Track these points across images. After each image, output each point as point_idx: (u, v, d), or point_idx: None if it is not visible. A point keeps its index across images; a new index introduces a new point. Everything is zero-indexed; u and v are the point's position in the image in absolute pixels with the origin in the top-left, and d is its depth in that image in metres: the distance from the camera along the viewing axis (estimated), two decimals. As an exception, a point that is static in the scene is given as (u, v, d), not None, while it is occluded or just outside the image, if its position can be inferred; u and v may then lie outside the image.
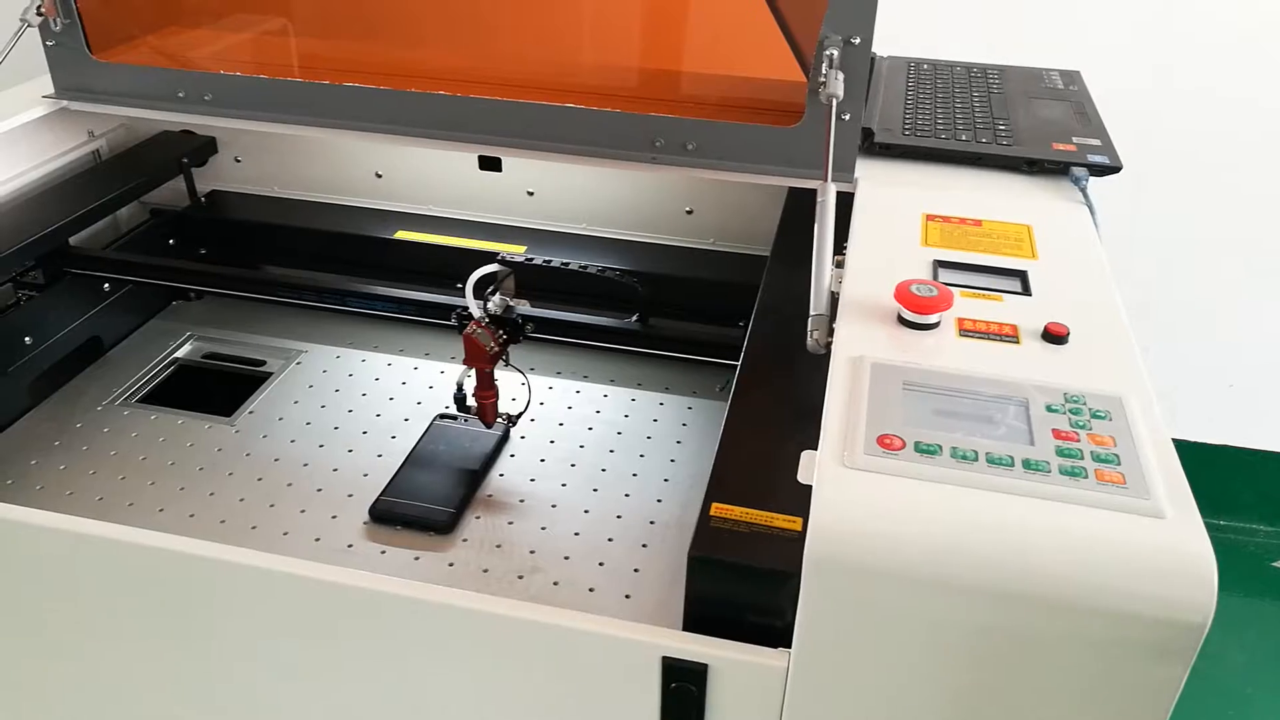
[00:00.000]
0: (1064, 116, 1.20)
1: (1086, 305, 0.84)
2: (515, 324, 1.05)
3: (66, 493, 1.06)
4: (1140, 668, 0.62)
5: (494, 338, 1.02)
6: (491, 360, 1.03)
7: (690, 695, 0.72)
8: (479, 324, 1.02)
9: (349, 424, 1.17)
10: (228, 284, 1.25)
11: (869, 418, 0.69)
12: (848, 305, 0.83)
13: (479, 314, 1.03)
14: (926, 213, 0.98)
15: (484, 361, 1.03)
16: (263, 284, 1.27)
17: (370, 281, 1.20)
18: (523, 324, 1.05)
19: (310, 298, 1.21)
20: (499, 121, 1.12)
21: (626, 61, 1.18)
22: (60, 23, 1.19)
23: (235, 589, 0.81)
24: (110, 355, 1.28)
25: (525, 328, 1.06)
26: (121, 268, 1.25)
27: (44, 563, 0.85)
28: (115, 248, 1.31)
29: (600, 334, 1.12)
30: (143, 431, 1.15)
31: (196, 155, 1.38)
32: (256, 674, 0.86)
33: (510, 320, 1.04)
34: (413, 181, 1.38)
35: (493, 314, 1.03)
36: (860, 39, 0.98)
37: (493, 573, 0.96)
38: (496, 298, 1.03)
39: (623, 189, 1.30)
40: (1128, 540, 0.61)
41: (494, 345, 1.02)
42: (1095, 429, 0.69)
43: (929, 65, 1.37)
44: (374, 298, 1.18)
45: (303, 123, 1.18)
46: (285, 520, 1.02)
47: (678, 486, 1.08)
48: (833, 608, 0.66)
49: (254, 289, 1.25)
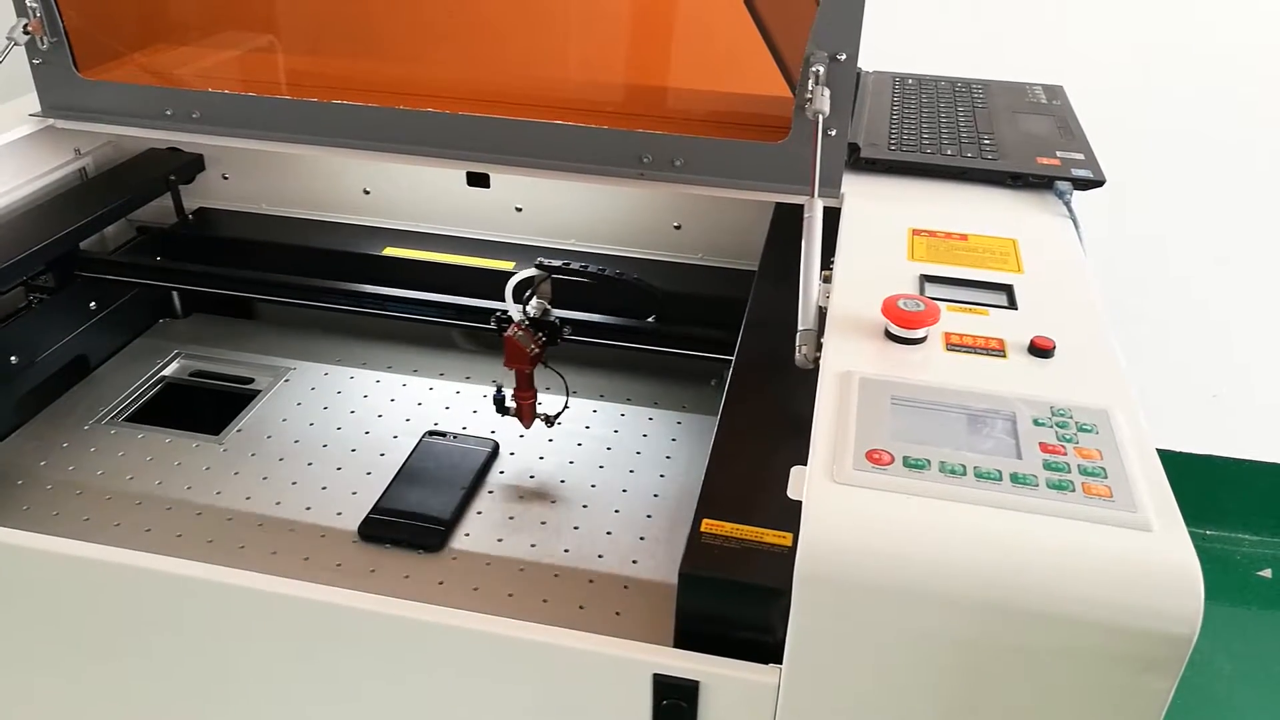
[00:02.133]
0: (1048, 131, 1.21)
1: (1072, 318, 0.84)
2: (554, 326, 1.07)
3: (53, 513, 1.05)
4: (1129, 679, 0.62)
5: (534, 340, 1.05)
6: (531, 362, 1.06)
7: (681, 712, 0.72)
8: (519, 326, 1.05)
9: (338, 442, 1.16)
10: (251, 288, 1.26)
11: (858, 433, 0.70)
12: (835, 320, 0.83)
13: (519, 317, 1.05)
14: (913, 227, 0.99)
15: (524, 363, 1.06)
16: (291, 289, 1.25)
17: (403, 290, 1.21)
18: (560, 326, 1.08)
19: (345, 302, 1.22)
20: (487, 138, 1.13)
21: (614, 78, 1.19)
22: (47, 41, 1.19)
23: (224, 609, 0.81)
24: (96, 374, 1.28)
25: (563, 330, 1.08)
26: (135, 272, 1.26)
27: (30, 585, 0.85)
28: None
29: (631, 336, 1.14)
30: (130, 451, 1.14)
31: (184, 173, 1.38)
32: (245, 694, 0.85)
33: (548, 323, 1.07)
34: (401, 198, 1.38)
35: (532, 317, 1.06)
36: (846, 55, 0.98)
37: (483, 590, 0.96)
38: (534, 301, 1.05)
39: (611, 205, 1.31)
40: (1115, 553, 0.62)
41: (534, 347, 1.05)
42: (1082, 442, 0.69)
43: (914, 80, 1.38)
44: (411, 303, 1.19)
45: (291, 140, 1.18)
46: (274, 539, 1.02)
47: (667, 502, 1.08)
48: (823, 623, 0.66)
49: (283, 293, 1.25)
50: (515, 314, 1.05)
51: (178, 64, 1.29)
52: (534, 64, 1.21)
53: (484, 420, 1.21)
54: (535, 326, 1.06)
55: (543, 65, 1.21)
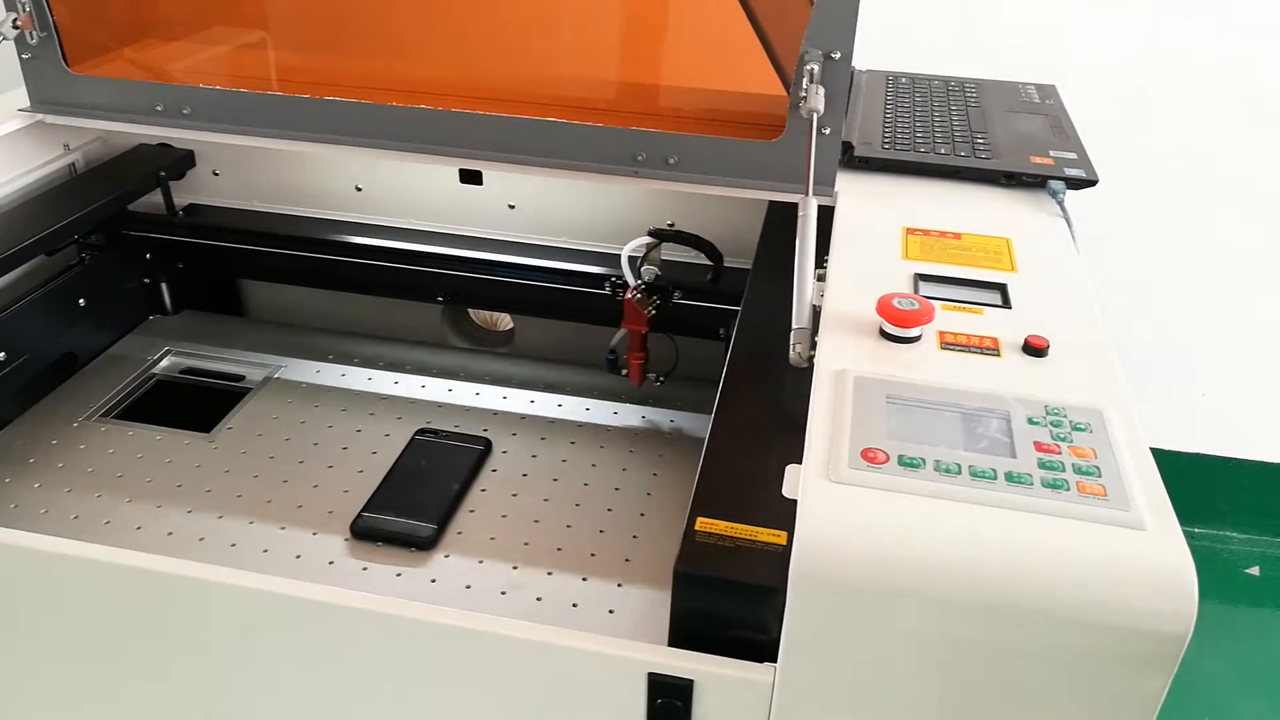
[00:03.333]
0: (1041, 130, 1.21)
1: (1066, 317, 0.85)
2: (666, 290, 1.17)
3: (41, 511, 1.04)
4: (1123, 678, 0.63)
5: (650, 303, 1.16)
6: (647, 324, 1.17)
7: (676, 710, 0.72)
8: (635, 290, 1.15)
9: (329, 439, 1.16)
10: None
11: (853, 431, 0.70)
12: (830, 319, 0.83)
13: (634, 281, 1.15)
14: (907, 226, 0.99)
15: (640, 324, 1.17)
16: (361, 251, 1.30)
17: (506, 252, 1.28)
18: (672, 290, 1.17)
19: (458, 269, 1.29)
20: (480, 135, 1.12)
21: (609, 76, 1.18)
22: (36, 36, 1.18)
23: (214, 608, 0.80)
24: (85, 371, 1.27)
25: (674, 294, 1.18)
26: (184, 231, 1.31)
27: (18, 583, 0.84)
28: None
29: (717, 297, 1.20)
30: (119, 448, 1.13)
31: (174, 169, 1.37)
32: (237, 693, 0.85)
33: (660, 287, 1.16)
34: (393, 195, 1.37)
35: (647, 282, 1.15)
36: (840, 54, 0.98)
37: (475, 589, 0.95)
38: (646, 267, 1.15)
39: (605, 202, 1.30)
40: (1109, 552, 0.62)
41: (650, 310, 1.15)
42: (1076, 441, 0.70)
43: (907, 79, 1.38)
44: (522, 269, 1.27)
45: (282, 136, 1.17)
46: (265, 538, 1.01)
47: (660, 501, 1.07)
48: (818, 621, 0.66)
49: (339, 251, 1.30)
50: (631, 279, 1.15)
51: (168, 59, 1.28)
52: (528, 61, 1.21)
53: (476, 418, 1.20)
54: (649, 291, 1.15)
55: (537, 62, 1.21)
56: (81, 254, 1.28)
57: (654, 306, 1.16)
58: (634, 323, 1.17)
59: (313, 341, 1.33)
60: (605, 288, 1.22)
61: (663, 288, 1.16)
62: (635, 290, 1.15)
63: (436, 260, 1.31)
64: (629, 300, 1.15)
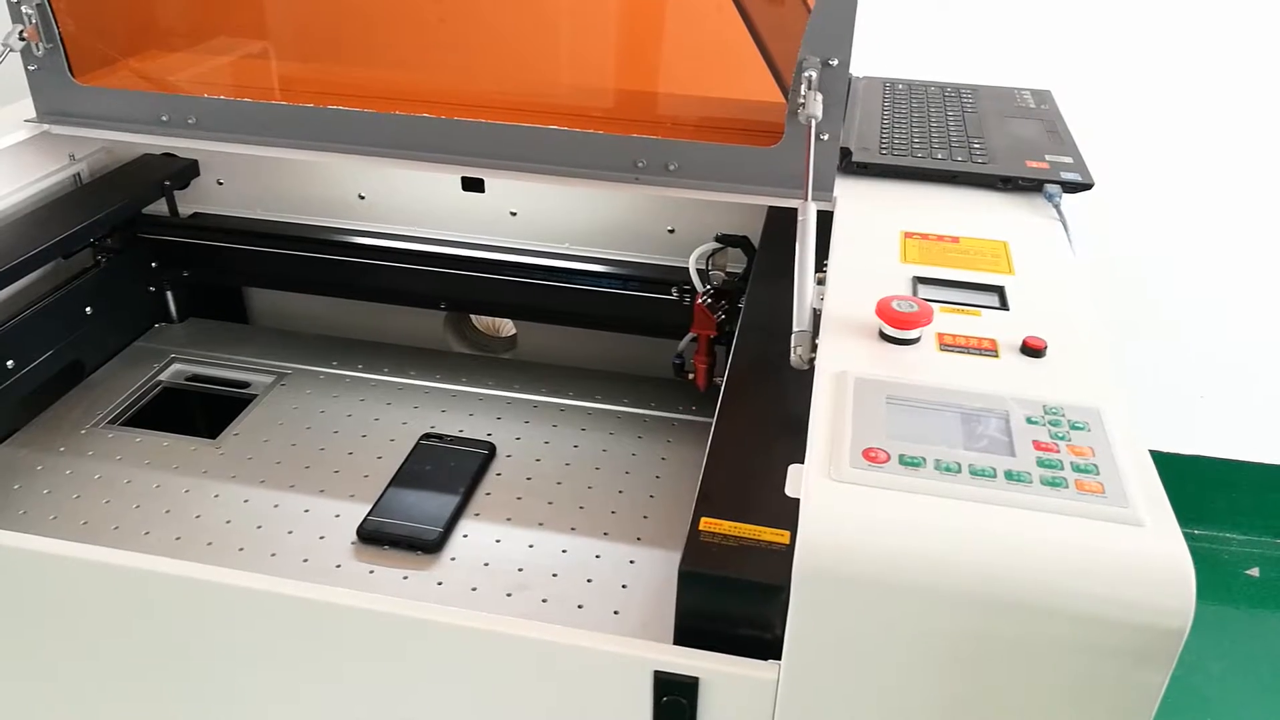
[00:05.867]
0: (1036, 135, 1.23)
1: (1063, 319, 0.86)
2: (734, 294, 1.17)
3: (50, 517, 1.05)
4: (1123, 673, 0.64)
5: (720, 307, 1.17)
6: (717, 328, 1.17)
7: (681, 708, 0.73)
8: (705, 295, 1.16)
9: (335, 444, 1.17)
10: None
11: (854, 432, 0.71)
12: (830, 322, 0.84)
13: (703, 286, 1.16)
14: (905, 230, 1.00)
15: (710, 328, 1.17)
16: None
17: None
18: (739, 295, 1.16)
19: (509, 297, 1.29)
20: (482, 143, 1.13)
21: (608, 83, 1.20)
22: (42, 47, 1.20)
23: (223, 610, 0.81)
24: (92, 378, 1.28)
25: (741, 299, 1.15)
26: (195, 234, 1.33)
27: (28, 587, 0.85)
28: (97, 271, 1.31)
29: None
30: (127, 454, 1.14)
31: (179, 178, 1.38)
32: (245, 695, 0.86)
33: (728, 291, 1.17)
34: (396, 203, 1.38)
35: (716, 287, 1.16)
36: (838, 60, 1.00)
37: (481, 591, 0.96)
38: (713, 272, 1.17)
39: (605, 209, 1.32)
40: (1108, 548, 0.63)
41: (720, 314, 1.16)
42: (1074, 440, 0.71)
43: (904, 85, 1.40)
44: (588, 275, 1.27)
45: (286, 145, 1.19)
46: (273, 541, 1.02)
47: (663, 503, 1.08)
48: (821, 619, 0.67)
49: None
50: (699, 284, 1.16)
51: (173, 70, 1.29)
52: (529, 69, 1.22)
53: (480, 423, 1.21)
54: (718, 295, 1.16)
55: (538, 70, 1.22)
56: (97, 257, 1.30)
57: (723, 310, 1.17)
58: (703, 327, 1.18)
59: (317, 348, 1.34)
60: (672, 293, 1.22)
61: (730, 292, 1.17)
62: (704, 295, 1.16)
63: (439, 264, 1.31)
64: (699, 305, 1.17)
